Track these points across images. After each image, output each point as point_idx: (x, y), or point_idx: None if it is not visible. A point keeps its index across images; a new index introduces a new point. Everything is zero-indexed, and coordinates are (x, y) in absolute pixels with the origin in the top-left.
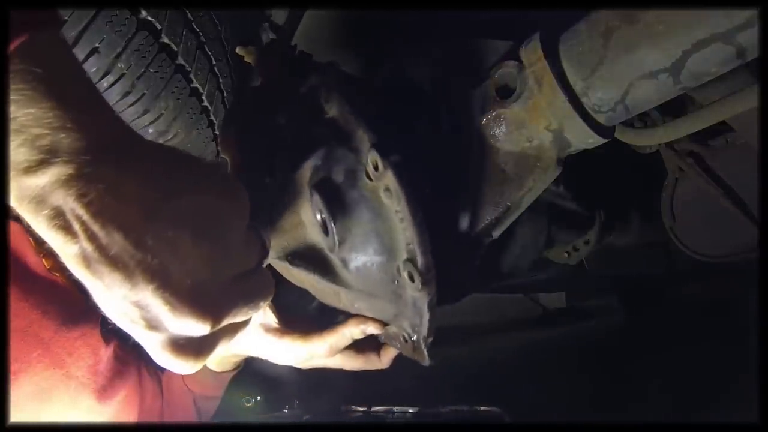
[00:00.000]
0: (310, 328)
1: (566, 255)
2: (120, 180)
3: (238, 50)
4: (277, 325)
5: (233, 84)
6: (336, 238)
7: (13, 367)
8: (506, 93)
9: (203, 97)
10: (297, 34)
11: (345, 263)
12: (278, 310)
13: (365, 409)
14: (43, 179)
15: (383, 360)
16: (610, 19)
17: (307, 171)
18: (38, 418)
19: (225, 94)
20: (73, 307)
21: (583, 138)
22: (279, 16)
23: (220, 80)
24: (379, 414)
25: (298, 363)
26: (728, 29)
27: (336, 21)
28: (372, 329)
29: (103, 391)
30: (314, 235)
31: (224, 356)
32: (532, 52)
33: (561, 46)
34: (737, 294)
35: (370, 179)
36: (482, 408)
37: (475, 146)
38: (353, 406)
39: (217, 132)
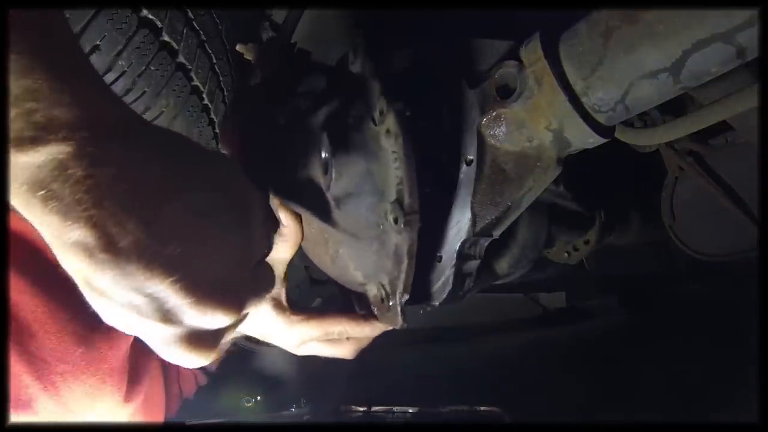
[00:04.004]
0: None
1: (566, 255)
2: (130, 162)
3: (238, 47)
4: (286, 303)
5: (234, 82)
6: (333, 175)
7: (59, 368)
8: (506, 93)
9: (204, 96)
10: (296, 33)
11: (338, 202)
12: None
13: (365, 409)
14: (37, 157)
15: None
16: (610, 19)
17: (321, 115)
18: (89, 417)
19: (225, 93)
20: None
21: (583, 138)
22: (279, 15)
23: (221, 79)
24: (379, 414)
25: (297, 344)
26: (728, 29)
27: (333, 20)
28: (388, 327)
29: (138, 379)
30: (315, 175)
31: None
32: (532, 52)
33: (561, 46)
34: (737, 294)
35: (375, 124)
36: (482, 408)
37: (475, 146)
38: (353, 406)
39: (217, 130)
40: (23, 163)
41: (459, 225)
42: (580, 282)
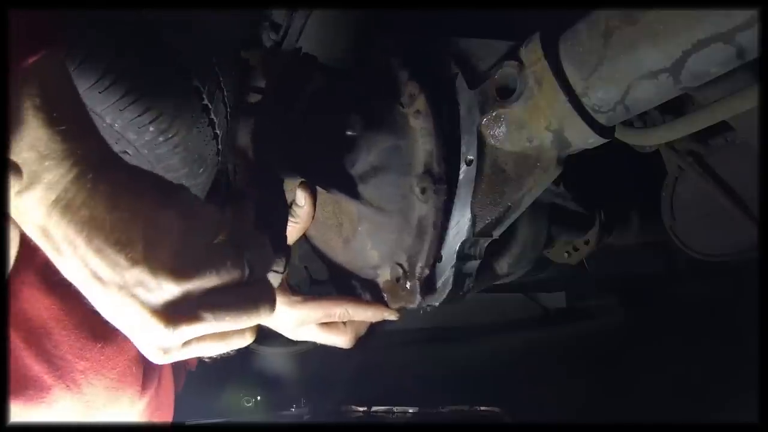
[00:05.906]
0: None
1: (566, 255)
2: (92, 202)
3: (242, 54)
4: (287, 285)
5: (234, 82)
6: (362, 152)
7: (80, 365)
8: (506, 93)
9: (204, 96)
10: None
11: (363, 177)
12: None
13: (365, 409)
14: (30, 200)
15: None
16: (610, 19)
17: (348, 100)
18: (110, 412)
19: (225, 93)
20: None
21: (583, 138)
22: (279, 15)
23: (221, 79)
24: (379, 414)
25: (295, 326)
26: (728, 29)
27: (333, 21)
28: (390, 316)
29: (152, 366)
30: (340, 154)
31: None
32: (532, 52)
33: (561, 46)
34: (737, 294)
35: (403, 107)
36: (482, 408)
37: (476, 146)
38: (353, 406)
39: (217, 131)
40: (20, 204)
41: (459, 225)
42: (580, 282)
